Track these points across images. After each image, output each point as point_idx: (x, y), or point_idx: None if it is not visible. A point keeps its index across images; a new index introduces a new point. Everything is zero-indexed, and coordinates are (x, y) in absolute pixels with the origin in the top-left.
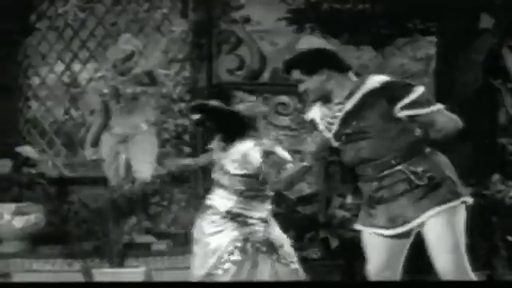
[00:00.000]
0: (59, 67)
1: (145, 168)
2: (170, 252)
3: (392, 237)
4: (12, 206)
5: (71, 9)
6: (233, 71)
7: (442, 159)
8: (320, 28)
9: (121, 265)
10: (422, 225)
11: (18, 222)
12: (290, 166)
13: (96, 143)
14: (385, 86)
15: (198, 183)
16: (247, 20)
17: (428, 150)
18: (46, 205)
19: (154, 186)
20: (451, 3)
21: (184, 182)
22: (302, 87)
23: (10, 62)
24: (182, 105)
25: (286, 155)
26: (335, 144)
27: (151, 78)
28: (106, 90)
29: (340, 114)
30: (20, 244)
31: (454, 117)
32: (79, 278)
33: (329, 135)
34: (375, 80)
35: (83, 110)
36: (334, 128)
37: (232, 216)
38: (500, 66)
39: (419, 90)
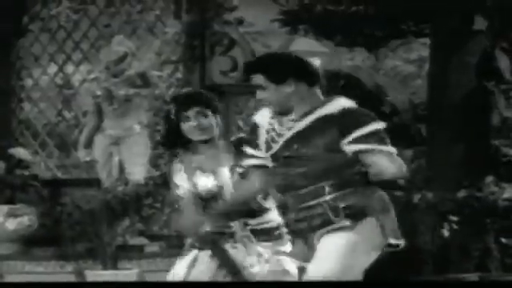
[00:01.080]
0: (52, 69)
1: (138, 170)
2: (163, 254)
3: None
4: (5, 208)
5: (64, 10)
6: (226, 73)
7: (382, 198)
8: (313, 30)
9: (114, 267)
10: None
11: (11, 224)
12: None
13: (89, 145)
14: (341, 115)
15: None
16: (240, 22)
17: (368, 187)
18: (38, 207)
19: (146, 188)
20: (444, 5)
21: None
22: (261, 95)
23: (3, 64)
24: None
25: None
26: (269, 164)
27: (144, 80)
28: (98, 92)
29: (288, 133)
30: (13, 246)
31: (399, 164)
32: (72, 279)
33: (262, 150)
34: (337, 104)
35: (76, 111)
36: (276, 146)
37: None
38: (493, 68)
39: (374, 126)
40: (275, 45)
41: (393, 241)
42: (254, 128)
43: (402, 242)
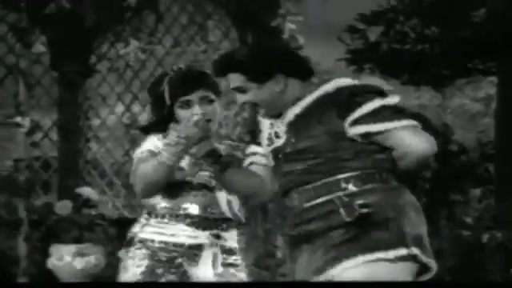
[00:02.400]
0: (119, 108)
1: None
2: None
3: None
4: (72, 248)
5: (132, 50)
6: None
7: (406, 198)
8: (379, 68)
9: None
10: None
11: (79, 263)
12: None
13: None
14: (339, 92)
15: (257, 223)
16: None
17: (393, 183)
18: (106, 246)
19: None
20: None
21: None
22: (243, 98)
23: (71, 104)
24: (242, 145)
25: None
26: (271, 163)
27: None
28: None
29: (286, 118)
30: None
31: (427, 137)
32: None
33: (265, 147)
34: (333, 84)
35: None
36: (278, 142)
37: None
38: None
39: (382, 101)
40: None
41: (418, 252)
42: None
43: (434, 266)
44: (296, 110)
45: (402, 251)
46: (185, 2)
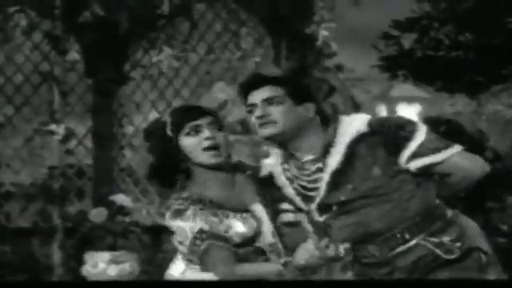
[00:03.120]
0: (153, 116)
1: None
2: None
3: None
4: (107, 255)
5: (165, 58)
6: None
7: (470, 224)
8: (413, 75)
9: None
10: None
11: (113, 271)
12: None
13: None
14: (375, 129)
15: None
16: (340, 68)
17: (450, 212)
18: (140, 253)
19: None
20: None
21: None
22: (271, 110)
23: (105, 111)
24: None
25: None
26: (318, 218)
27: (244, 127)
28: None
29: (323, 176)
30: None
31: (478, 159)
32: None
33: (300, 204)
34: (356, 122)
35: None
36: (317, 196)
37: None
38: None
39: (423, 129)
40: (375, 91)
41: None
42: (269, 179)
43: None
44: (336, 157)
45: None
46: (219, 9)
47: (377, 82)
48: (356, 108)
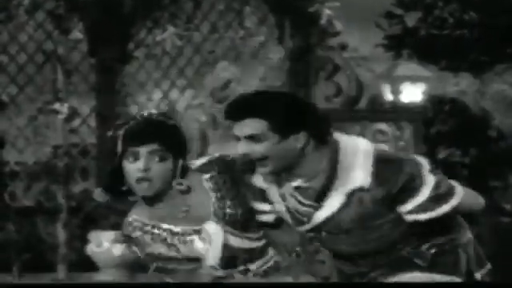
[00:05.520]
0: (157, 95)
1: None
2: None
3: None
4: (111, 234)
5: (169, 37)
6: (330, 98)
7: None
8: (417, 54)
9: None
10: None
11: (117, 250)
12: None
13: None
14: (379, 183)
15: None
16: (344, 47)
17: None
18: None
19: None
20: None
21: None
22: (255, 148)
23: (108, 91)
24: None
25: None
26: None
27: None
28: (203, 118)
29: (314, 218)
30: (119, 272)
31: (477, 196)
32: None
33: (289, 222)
34: (358, 176)
35: None
36: (307, 223)
37: None
38: None
39: (430, 184)
40: (379, 70)
41: (479, 276)
42: (261, 193)
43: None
44: (332, 206)
45: (456, 280)
46: None
47: (381, 60)
48: (360, 87)
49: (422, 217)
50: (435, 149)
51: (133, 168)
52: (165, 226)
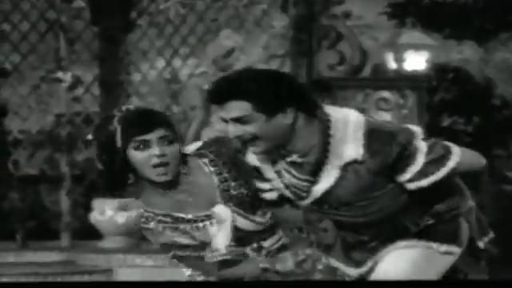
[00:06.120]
0: (160, 63)
1: None
2: None
3: None
4: (114, 202)
5: (172, 5)
6: (333, 66)
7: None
8: (421, 22)
9: None
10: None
11: (121, 218)
12: None
13: (197, 139)
14: (372, 152)
15: None
16: (348, 15)
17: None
18: None
19: None
20: None
21: None
22: (243, 129)
23: (111, 59)
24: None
25: None
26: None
27: None
28: (206, 86)
29: (313, 192)
30: (122, 239)
31: (476, 155)
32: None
33: (290, 196)
34: (350, 149)
35: (184, 106)
36: (308, 198)
37: None
38: None
39: (423, 150)
40: (383, 38)
41: (482, 244)
42: (255, 171)
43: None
44: (327, 180)
45: (454, 249)
46: None
47: (384, 29)
48: (363, 56)
49: (424, 182)
50: (438, 117)
51: (146, 156)
52: (176, 214)
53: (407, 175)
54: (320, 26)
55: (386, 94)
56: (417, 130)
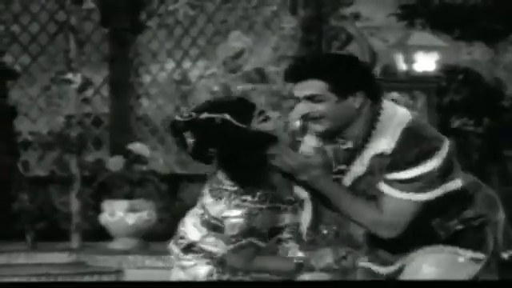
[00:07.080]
0: (170, 65)
1: None
2: None
3: None
4: (124, 203)
5: (181, 6)
6: None
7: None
8: (431, 24)
9: None
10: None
11: (131, 219)
12: None
13: None
14: (398, 150)
15: None
16: (357, 16)
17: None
18: (157, 201)
19: None
20: None
21: None
22: (314, 108)
23: (121, 61)
24: (293, 102)
25: None
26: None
27: (261, 75)
28: (216, 88)
29: (344, 180)
30: (132, 241)
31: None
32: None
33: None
34: (384, 142)
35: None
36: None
37: None
38: None
39: (436, 161)
40: (392, 39)
41: (506, 256)
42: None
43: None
44: (360, 166)
45: (480, 256)
46: None
47: (394, 30)
48: (373, 57)
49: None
50: (448, 118)
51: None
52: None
53: (395, 175)
54: (329, 28)
55: (395, 95)
56: (448, 142)
